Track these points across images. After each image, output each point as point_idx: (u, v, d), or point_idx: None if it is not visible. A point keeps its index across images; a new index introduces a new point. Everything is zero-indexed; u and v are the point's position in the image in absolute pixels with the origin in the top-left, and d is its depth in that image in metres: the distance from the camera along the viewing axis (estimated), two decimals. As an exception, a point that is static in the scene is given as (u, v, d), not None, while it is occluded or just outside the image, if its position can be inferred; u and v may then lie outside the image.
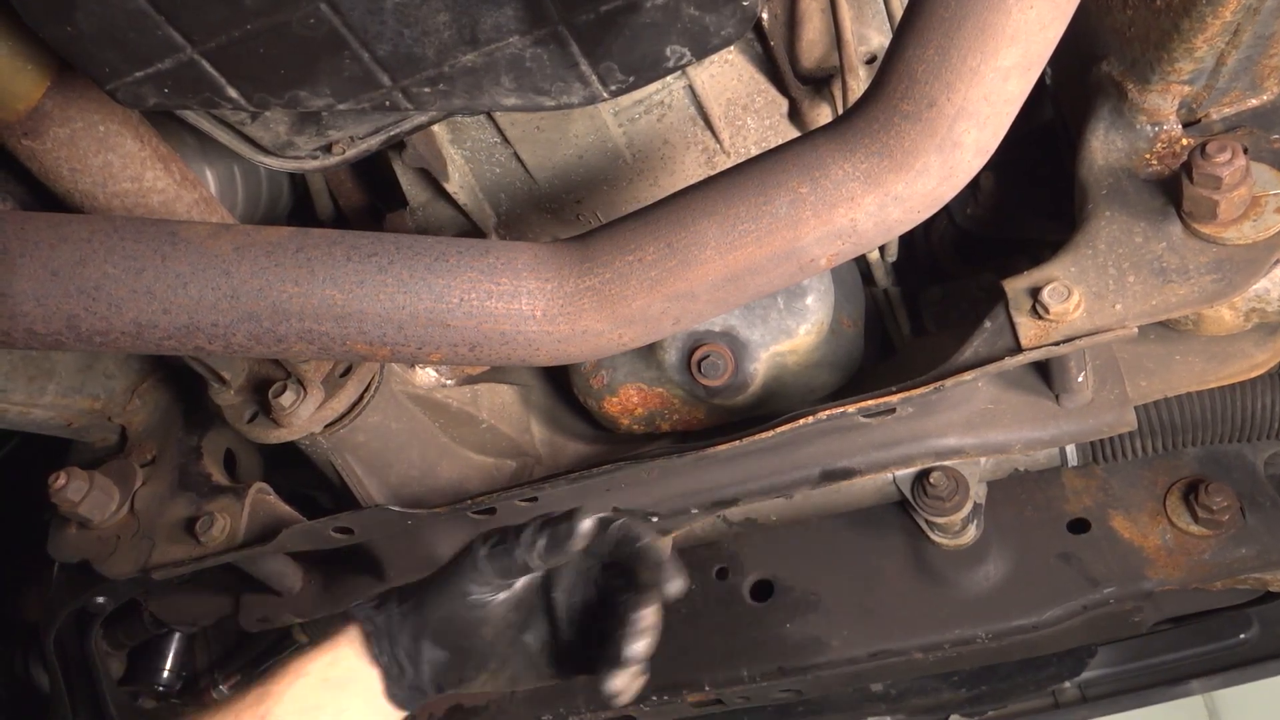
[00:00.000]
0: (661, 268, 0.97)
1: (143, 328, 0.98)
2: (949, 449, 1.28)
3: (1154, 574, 1.42)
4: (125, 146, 1.14)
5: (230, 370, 1.39)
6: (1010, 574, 1.49)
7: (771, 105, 1.38)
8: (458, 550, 1.05)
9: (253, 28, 0.91)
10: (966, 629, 1.47)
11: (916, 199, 0.91)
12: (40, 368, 1.52)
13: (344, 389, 1.34)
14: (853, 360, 1.46)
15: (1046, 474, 1.52)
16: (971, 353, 1.14)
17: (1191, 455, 1.47)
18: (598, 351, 1.04)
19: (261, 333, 0.99)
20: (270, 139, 1.19)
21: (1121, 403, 1.22)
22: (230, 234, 1.00)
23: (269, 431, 1.35)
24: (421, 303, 0.98)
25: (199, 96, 1.00)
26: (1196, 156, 1.03)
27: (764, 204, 0.94)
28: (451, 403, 1.49)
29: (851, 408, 1.18)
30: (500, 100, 0.99)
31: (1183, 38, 1.03)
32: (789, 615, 1.57)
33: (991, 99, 0.85)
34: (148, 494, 1.55)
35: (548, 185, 1.43)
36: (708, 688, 1.59)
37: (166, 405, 1.67)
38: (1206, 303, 1.05)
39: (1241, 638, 1.88)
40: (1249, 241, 1.04)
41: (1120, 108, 1.15)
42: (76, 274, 0.96)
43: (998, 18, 0.81)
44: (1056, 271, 1.10)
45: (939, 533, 1.49)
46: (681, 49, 0.92)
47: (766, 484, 1.35)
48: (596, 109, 1.32)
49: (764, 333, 1.35)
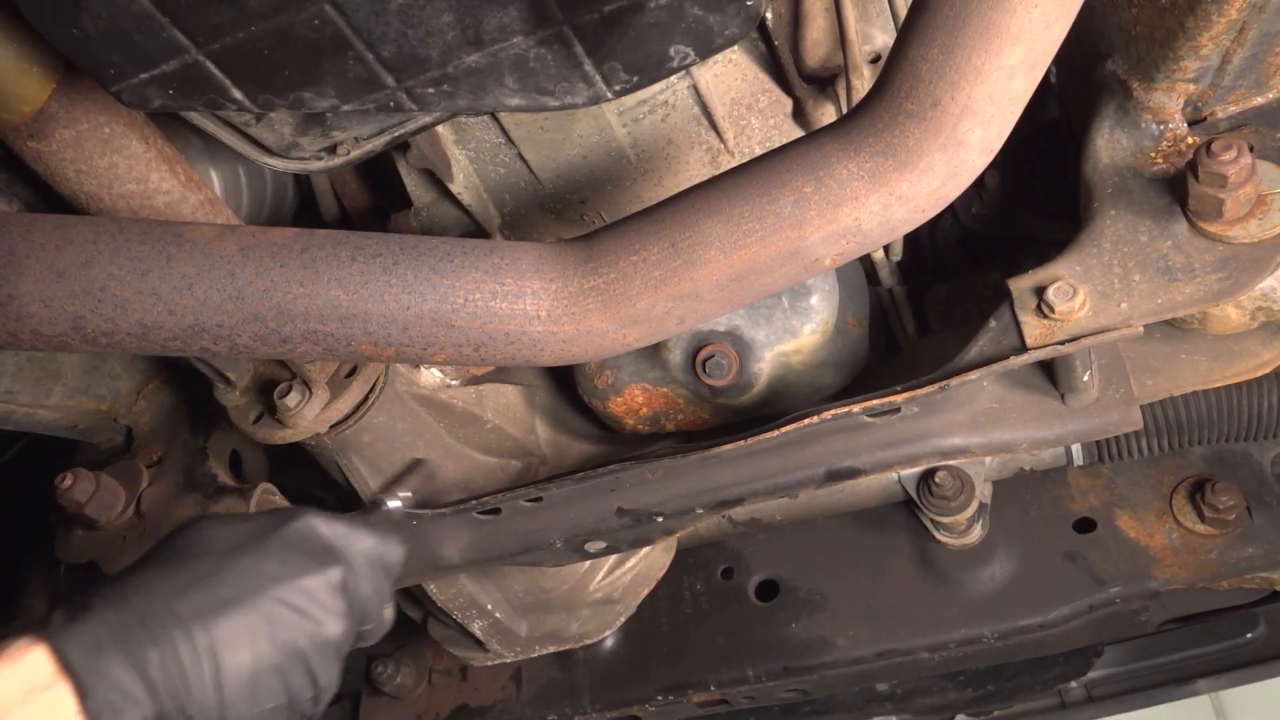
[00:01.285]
0: (666, 267, 0.97)
1: (148, 329, 0.99)
2: (954, 448, 1.28)
3: (1160, 573, 1.42)
4: (130, 148, 1.14)
5: (235, 371, 1.39)
6: (1016, 573, 1.49)
7: (776, 105, 1.38)
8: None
9: (257, 29, 0.91)
10: (972, 629, 1.47)
11: (921, 198, 0.91)
12: (46, 369, 1.52)
13: (349, 389, 1.35)
14: (857, 360, 1.46)
15: (1052, 473, 1.51)
16: (976, 352, 1.14)
17: (1198, 454, 1.47)
18: (602, 351, 1.04)
19: (267, 333, 0.99)
20: (275, 140, 1.20)
21: (1127, 402, 1.22)
22: (235, 235, 1.00)
23: (274, 432, 1.35)
24: (426, 303, 0.99)
25: (204, 98, 1.00)
26: (1202, 155, 1.03)
27: (768, 203, 0.94)
28: (456, 403, 1.49)
29: (856, 407, 1.18)
30: (504, 101, 0.99)
31: (1188, 36, 1.02)
32: (794, 615, 1.57)
33: (996, 98, 0.84)
34: (154, 495, 1.55)
35: (552, 185, 1.43)
36: (713, 688, 1.59)
37: (172, 406, 1.68)
38: (1212, 301, 1.04)
39: (1248, 637, 1.88)
40: (1255, 240, 1.04)
41: (1125, 106, 1.14)
42: (82, 275, 0.96)
43: (1002, 16, 0.81)
44: (1061, 270, 1.10)
45: (944, 532, 1.49)
46: (685, 49, 0.92)
47: (771, 484, 1.34)
48: (600, 109, 1.32)
49: (768, 332, 1.35)
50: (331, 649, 0.77)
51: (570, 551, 1.37)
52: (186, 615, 0.69)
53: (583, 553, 1.45)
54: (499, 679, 1.75)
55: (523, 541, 1.42)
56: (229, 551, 0.74)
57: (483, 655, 1.63)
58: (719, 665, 1.58)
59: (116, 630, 0.67)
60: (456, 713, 1.75)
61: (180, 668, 0.68)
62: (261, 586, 0.72)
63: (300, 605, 0.74)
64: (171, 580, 0.71)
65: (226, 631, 0.69)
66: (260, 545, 0.77)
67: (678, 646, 1.63)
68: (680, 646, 1.62)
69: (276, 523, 0.81)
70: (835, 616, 1.55)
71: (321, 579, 0.78)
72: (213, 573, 0.72)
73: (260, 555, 0.75)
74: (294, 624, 0.73)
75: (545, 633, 1.63)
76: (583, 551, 1.44)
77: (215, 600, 0.70)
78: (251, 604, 0.72)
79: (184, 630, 0.68)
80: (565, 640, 1.63)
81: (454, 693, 1.77)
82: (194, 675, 0.68)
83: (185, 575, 0.72)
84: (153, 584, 0.71)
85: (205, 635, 0.69)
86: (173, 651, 0.68)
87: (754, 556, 1.64)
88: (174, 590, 0.70)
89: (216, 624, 0.70)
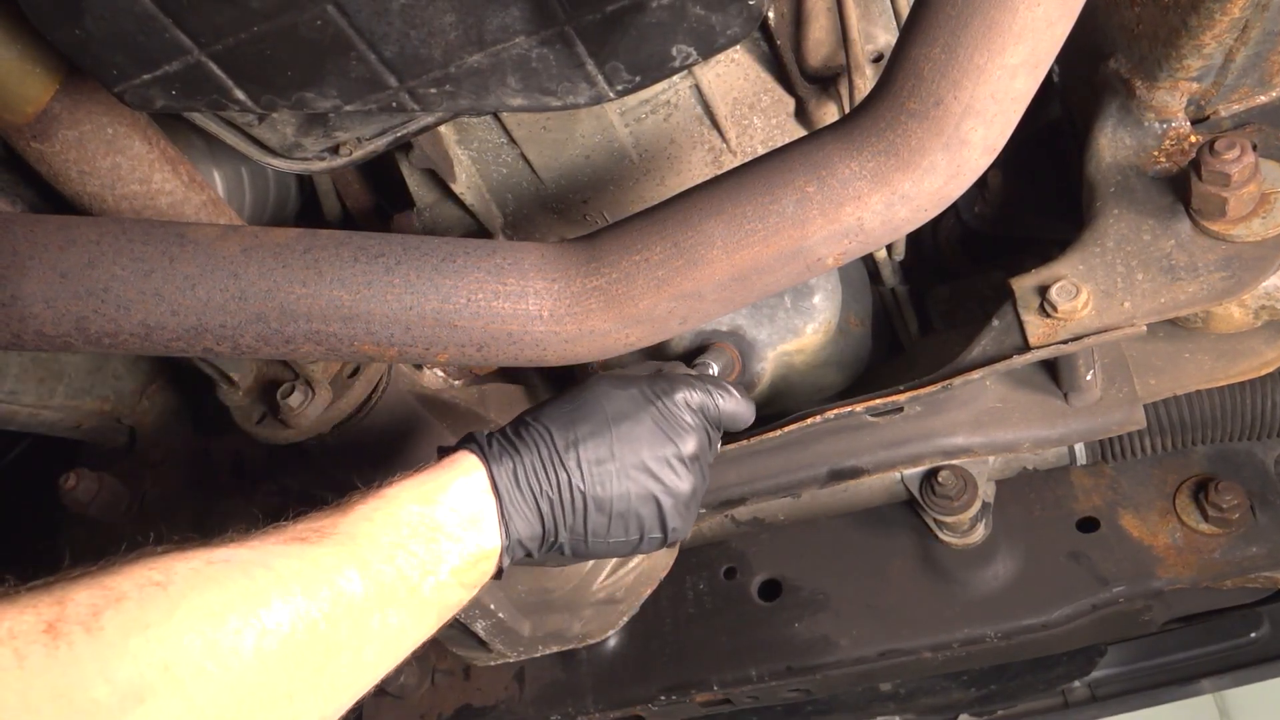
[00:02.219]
0: (668, 267, 0.98)
1: (151, 329, 0.99)
2: (957, 448, 1.27)
3: (1164, 573, 1.41)
4: (133, 149, 1.14)
5: (238, 371, 1.39)
6: (1019, 573, 1.48)
7: (778, 104, 1.38)
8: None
9: (260, 30, 0.92)
10: (975, 628, 1.47)
11: (923, 197, 0.91)
12: (50, 370, 1.53)
13: (352, 390, 1.35)
14: (860, 359, 1.46)
15: (1055, 473, 1.51)
16: (979, 351, 1.14)
17: (1201, 454, 1.46)
18: (605, 351, 1.04)
19: (269, 334, 1.00)
20: (278, 141, 1.20)
21: (1130, 401, 1.22)
22: (238, 235, 1.00)
23: (277, 432, 1.35)
24: (429, 303, 0.99)
25: (206, 98, 1.00)
26: (1205, 153, 1.02)
27: (770, 203, 0.94)
28: (459, 403, 1.49)
29: (859, 407, 1.18)
30: (507, 101, 0.99)
31: (1191, 34, 1.02)
32: (797, 615, 1.57)
33: (999, 97, 0.84)
34: (157, 495, 1.56)
35: (554, 185, 1.44)
36: (716, 688, 1.59)
37: (175, 406, 1.68)
38: (1215, 300, 1.04)
39: (1252, 636, 1.88)
40: (1258, 238, 1.04)
41: (1128, 105, 1.14)
42: (85, 276, 0.97)
43: (1004, 15, 0.81)
44: (1064, 269, 1.10)
45: (947, 532, 1.49)
46: (688, 48, 0.92)
47: (774, 483, 1.34)
48: (603, 109, 1.32)
49: (771, 332, 1.35)
50: (682, 503, 1.00)
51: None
52: (572, 467, 0.96)
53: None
54: (502, 679, 1.75)
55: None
56: (612, 419, 0.98)
57: (486, 655, 1.63)
58: (722, 665, 1.58)
59: (528, 469, 0.95)
60: (460, 713, 1.75)
61: (564, 507, 0.96)
62: (633, 452, 0.97)
63: (657, 471, 0.98)
64: (567, 434, 0.97)
65: (599, 482, 0.96)
66: (637, 415, 0.99)
67: (681, 646, 1.63)
68: (683, 646, 1.62)
69: (656, 394, 1.01)
70: (838, 616, 1.54)
71: (676, 450, 1.00)
72: (597, 434, 0.97)
73: (634, 424, 0.98)
74: (650, 484, 0.98)
75: (548, 632, 1.63)
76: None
77: (595, 458, 0.96)
78: (621, 464, 0.97)
79: (569, 477, 0.95)
80: (568, 640, 1.63)
81: (457, 693, 1.77)
82: (571, 511, 0.96)
83: (577, 431, 0.97)
84: (554, 437, 0.97)
85: (584, 482, 0.96)
86: (562, 493, 0.95)
87: (757, 556, 1.64)
88: (566, 444, 0.96)
89: (593, 475, 0.96)
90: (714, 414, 1.03)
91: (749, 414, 1.06)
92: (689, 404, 1.02)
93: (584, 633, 1.62)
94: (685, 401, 1.02)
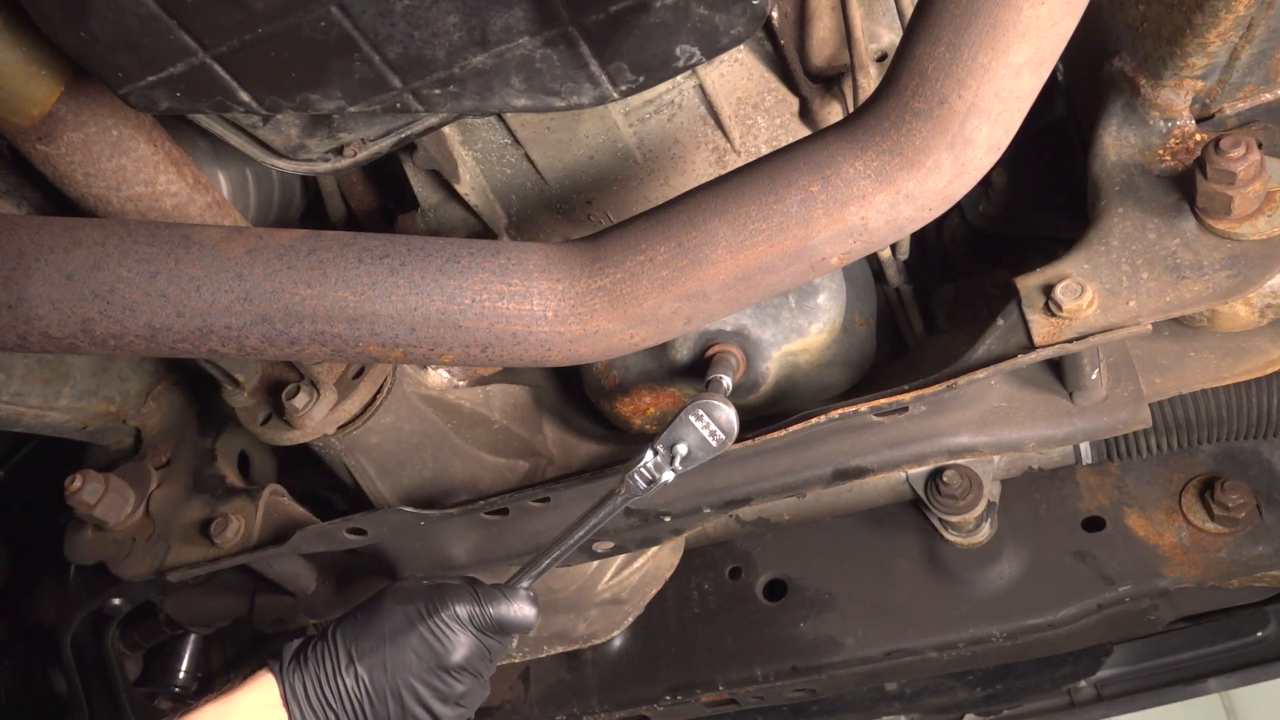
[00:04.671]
0: (673, 267, 0.98)
1: (157, 331, 0.99)
2: (962, 447, 1.27)
3: (1170, 572, 1.41)
4: (138, 150, 1.14)
5: (244, 373, 1.39)
6: (1025, 572, 1.48)
7: (782, 104, 1.38)
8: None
9: (264, 31, 0.92)
10: (981, 628, 1.47)
11: (928, 196, 0.91)
12: (56, 371, 1.53)
13: (357, 391, 1.35)
14: (865, 359, 1.46)
15: (1061, 472, 1.51)
16: (984, 350, 1.14)
17: (1207, 452, 1.46)
18: (609, 351, 1.04)
19: (275, 335, 1.00)
20: (282, 142, 1.20)
21: (1136, 400, 1.21)
22: (243, 237, 1.00)
23: (283, 433, 1.36)
24: (433, 304, 0.99)
25: (211, 100, 1.00)
26: (1210, 152, 1.02)
27: (775, 203, 0.94)
28: (464, 404, 1.49)
29: (864, 406, 1.18)
30: (510, 101, 0.99)
31: (1195, 32, 1.02)
32: (803, 614, 1.57)
33: (1003, 96, 0.84)
34: (163, 496, 1.56)
35: (558, 186, 1.44)
36: (721, 687, 1.59)
37: (181, 408, 1.68)
38: (1221, 299, 1.04)
39: (1259, 635, 1.87)
40: (1263, 237, 1.04)
41: (1133, 103, 1.14)
42: (91, 278, 0.97)
43: (1009, 14, 0.80)
44: (1069, 268, 1.10)
45: (953, 531, 1.49)
46: (691, 48, 0.92)
47: (779, 483, 1.34)
48: (607, 109, 1.32)
49: (776, 332, 1.35)
50: (451, 702, 1.13)
51: (578, 552, 1.37)
52: (351, 682, 1.10)
53: (591, 553, 1.45)
54: (507, 679, 1.75)
55: (530, 542, 1.42)
56: (389, 635, 1.11)
57: (491, 655, 1.63)
58: (727, 665, 1.58)
59: (316, 682, 1.09)
60: (465, 713, 1.75)
61: (347, 714, 1.09)
62: (403, 666, 1.10)
63: (425, 678, 1.11)
64: (350, 650, 1.11)
65: (374, 692, 1.10)
66: (408, 631, 1.11)
67: (686, 646, 1.63)
68: (688, 646, 1.62)
69: (428, 610, 1.12)
70: (843, 616, 1.54)
71: (441, 661, 1.11)
72: (375, 650, 1.10)
73: (405, 638, 1.11)
74: (419, 689, 1.10)
75: (553, 633, 1.63)
76: (591, 552, 1.44)
77: (369, 672, 1.10)
78: (392, 675, 1.10)
79: (349, 689, 1.09)
80: (573, 640, 1.63)
81: (462, 693, 1.77)
82: (352, 717, 1.10)
83: (359, 647, 1.11)
84: (340, 652, 1.11)
85: (360, 693, 1.09)
86: (344, 703, 1.09)
87: (762, 556, 1.64)
88: (349, 660, 1.10)
89: (369, 687, 1.10)
90: (483, 621, 1.13)
91: (527, 615, 1.15)
92: (458, 617, 1.12)
93: (589, 633, 1.62)
94: (455, 615, 1.12)
